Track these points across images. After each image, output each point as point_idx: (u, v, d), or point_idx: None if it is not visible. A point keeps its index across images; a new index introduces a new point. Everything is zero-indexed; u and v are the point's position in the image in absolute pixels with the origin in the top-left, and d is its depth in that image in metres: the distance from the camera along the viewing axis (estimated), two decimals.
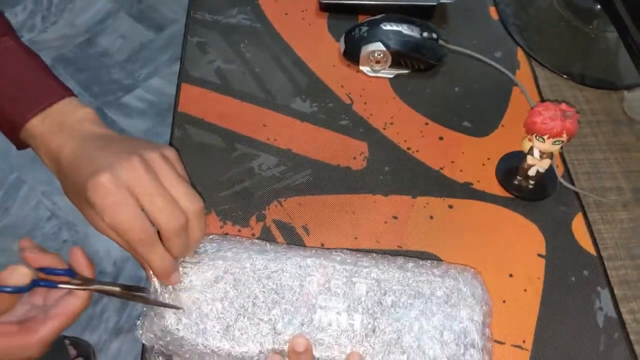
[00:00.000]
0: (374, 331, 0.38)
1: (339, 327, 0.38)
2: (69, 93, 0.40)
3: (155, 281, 0.38)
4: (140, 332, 0.38)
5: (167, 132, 0.53)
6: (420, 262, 0.42)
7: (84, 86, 1.42)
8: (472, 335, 0.38)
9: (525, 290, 0.45)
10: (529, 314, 0.44)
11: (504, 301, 0.44)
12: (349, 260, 0.41)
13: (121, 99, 1.40)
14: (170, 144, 0.52)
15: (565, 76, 0.57)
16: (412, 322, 0.38)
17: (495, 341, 0.43)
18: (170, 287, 0.38)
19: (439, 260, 0.46)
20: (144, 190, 0.34)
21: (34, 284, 0.33)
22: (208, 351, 0.37)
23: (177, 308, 0.37)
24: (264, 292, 0.39)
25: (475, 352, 0.37)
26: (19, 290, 0.32)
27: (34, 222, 1.21)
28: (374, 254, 0.43)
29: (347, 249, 0.43)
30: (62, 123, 0.38)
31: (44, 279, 0.34)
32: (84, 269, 0.36)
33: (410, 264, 0.41)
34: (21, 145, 0.41)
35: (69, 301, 0.34)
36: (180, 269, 0.38)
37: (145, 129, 1.36)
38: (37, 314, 0.34)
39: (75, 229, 1.20)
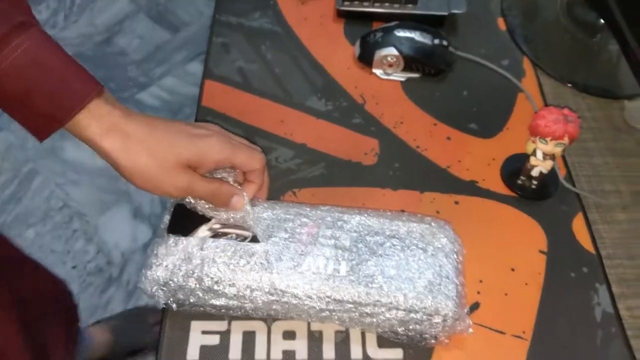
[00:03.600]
0: (357, 267, 0.42)
1: (325, 270, 0.42)
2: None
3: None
4: (144, 279, 0.42)
5: None
6: (397, 212, 0.47)
7: (101, 83, 1.46)
8: (446, 269, 0.42)
9: (526, 284, 0.47)
10: (530, 306, 0.46)
11: (505, 293, 0.47)
12: (336, 212, 0.46)
13: (136, 96, 1.44)
14: None
15: (569, 85, 0.60)
16: (391, 258, 0.43)
17: (495, 330, 0.45)
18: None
19: None
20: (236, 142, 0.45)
21: None
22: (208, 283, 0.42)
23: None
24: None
25: (449, 283, 0.41)
26: None
27: (45, 212, 1.24)
28: (358, 209, 0.47)
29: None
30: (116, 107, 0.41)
31: None
32: None
33: (388, 213, 0.47)
34: (46, 135, 0.40)
35: None
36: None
37: None
38: None
39: (85, 219, 1.23)
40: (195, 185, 0.43)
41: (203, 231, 0.44)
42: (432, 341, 0.42)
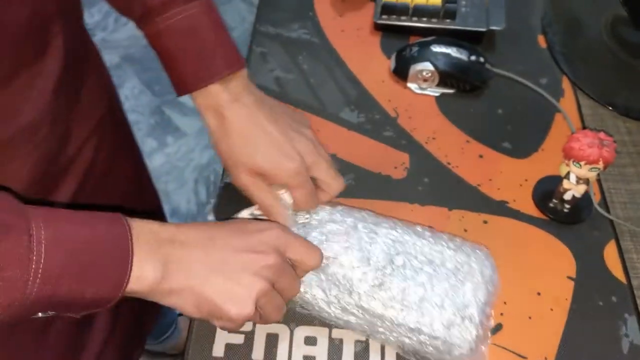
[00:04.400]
0: (380, 286, 0.42)
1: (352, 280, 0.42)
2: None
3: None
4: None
5: None
6: (438, 233, 0.45)
7: (147, 84, 1.51)
8: (471, 309, 0.41)
9: (551, 310, 0.46)
10: (554, 332, 0.45)
11: (529, 317, 0.46)
12: (370, 220, 0.45)
13: (179, 99, 1.49)
14: None
15: (609, 107, 0.59)
16: (417, 285, 0.42)
17: (517, 354, 0.44)
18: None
19: None
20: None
21: None
22: None
23: None
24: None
25: (471, 325, 0.40)
26: None
27: None
28: (395, 219, 0.47)
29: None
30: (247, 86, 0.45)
31: None
32: None
33: (428, 233, 0.45)
34: (183, 93, 0.45)
35: None
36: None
37: (199, 128, 1.44)
38: None
39: None
40: (252, 192, 0.44)
41: (244, 214, 0.46)
42: None
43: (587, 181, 0.48)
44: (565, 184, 0.49)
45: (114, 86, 0.61)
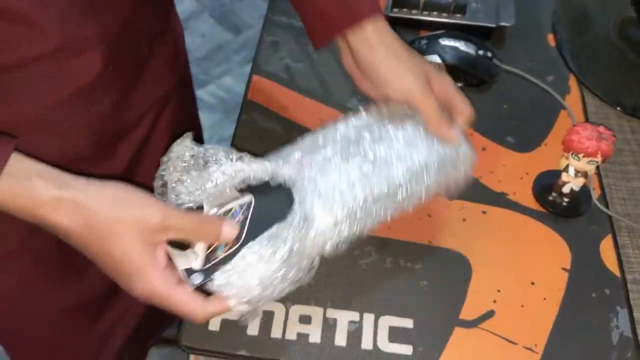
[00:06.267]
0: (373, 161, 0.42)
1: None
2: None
3: None
4: None
5: (231, 127, 0.59)
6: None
7: None
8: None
9: (544, 299, 0.47)
10: (545, 321, 0.46)
11: (522, 305, 0.47)
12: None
13: (195, 92, 1.51)
14: (237, 127, 0.58)
15: (614, 106, 0.59)
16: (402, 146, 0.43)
17: (507, 340, 0.45)
18: None
19: (467, 261, 0.49)
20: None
21: None
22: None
23: None
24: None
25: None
26: None
27: None
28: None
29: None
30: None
31: None
32: None
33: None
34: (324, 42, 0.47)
35: None
36: None
37: (213, 122, 1.46)
38: None
39: None
40: (419, 97, 0.44)
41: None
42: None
43: (585, 174, 0.48)
44: (564, 176, 0.49)
45: (189, 69, 0.64)
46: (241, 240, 0.39)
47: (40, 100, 0.43)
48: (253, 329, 0.46)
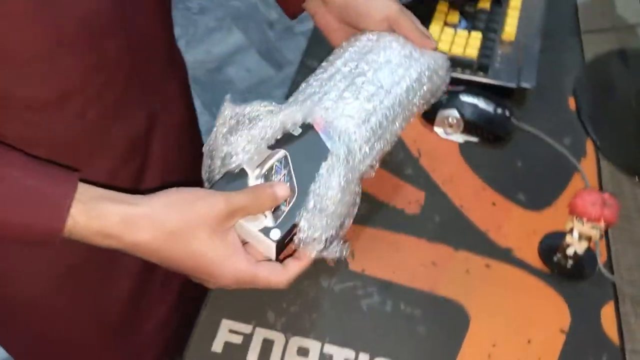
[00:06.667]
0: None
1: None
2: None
3: None
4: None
5: None
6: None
7: (206, 105, 1.63)
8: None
9: (539, 359, 0.47)
10: None
11: None
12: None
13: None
14: None
15: (632, 175, 0.59)
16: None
17: None
18: None
19: (465, 312, 0.50)
20: None
21: None
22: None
23: None
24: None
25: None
26: None
27: None
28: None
29: None
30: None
31: None
32: None
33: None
34: None
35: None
36: None
37: None
38: None
39: None
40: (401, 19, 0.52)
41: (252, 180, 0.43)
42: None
43: (589, 238, 0.49)
44: (568, 238, 0.50)
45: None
46: (296, 192, 0.43)
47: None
48: (252, 356, 0.48)
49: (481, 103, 0.63)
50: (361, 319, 0.50)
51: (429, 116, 0.64)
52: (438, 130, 0.64)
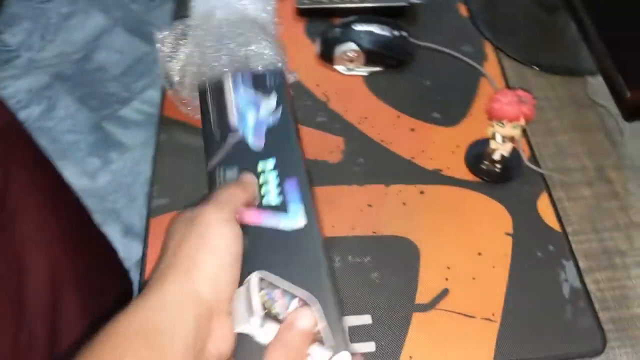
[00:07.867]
0: None
1: None
2: None
3: None
4: None
5: None
6: None
7: (82, 101, 1.47)
8: None
9: (493, 267, 0.48)
10: (498, 288, 0.47)
11: (473, 278, 0.47)
12: None
13: (118, 112, 1.44)
14: (157, 147, 0.55)
15: (532, 66, 0.60)
16: None
17: (465, 315, 0.45)
18: None
19: (413, 244, 0.49)
20: None
21: None
22: None
23: None
24: None
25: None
26: None
27: None
28: None
29: None
30: None
31: None
32: None
33: None
34: None
35: None
36: None
37: (144, 140, 1.40)
38: None
39: None
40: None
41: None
42: None
43: (512, 139, 0.49)
44: (493, 144, 0.50)
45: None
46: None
47: None
48: None
49: (376, 29, 0.59)
50: None
51: (327, 55, 0.60)
52: (339, 67, 0.61)
